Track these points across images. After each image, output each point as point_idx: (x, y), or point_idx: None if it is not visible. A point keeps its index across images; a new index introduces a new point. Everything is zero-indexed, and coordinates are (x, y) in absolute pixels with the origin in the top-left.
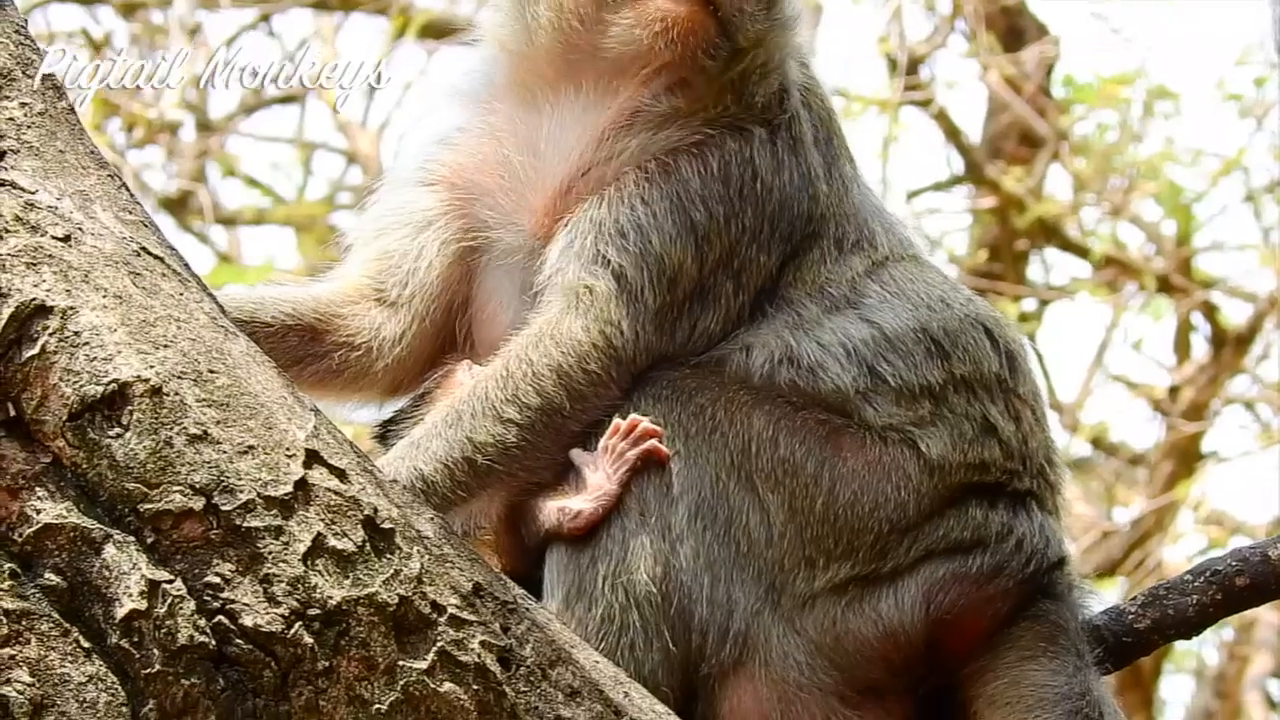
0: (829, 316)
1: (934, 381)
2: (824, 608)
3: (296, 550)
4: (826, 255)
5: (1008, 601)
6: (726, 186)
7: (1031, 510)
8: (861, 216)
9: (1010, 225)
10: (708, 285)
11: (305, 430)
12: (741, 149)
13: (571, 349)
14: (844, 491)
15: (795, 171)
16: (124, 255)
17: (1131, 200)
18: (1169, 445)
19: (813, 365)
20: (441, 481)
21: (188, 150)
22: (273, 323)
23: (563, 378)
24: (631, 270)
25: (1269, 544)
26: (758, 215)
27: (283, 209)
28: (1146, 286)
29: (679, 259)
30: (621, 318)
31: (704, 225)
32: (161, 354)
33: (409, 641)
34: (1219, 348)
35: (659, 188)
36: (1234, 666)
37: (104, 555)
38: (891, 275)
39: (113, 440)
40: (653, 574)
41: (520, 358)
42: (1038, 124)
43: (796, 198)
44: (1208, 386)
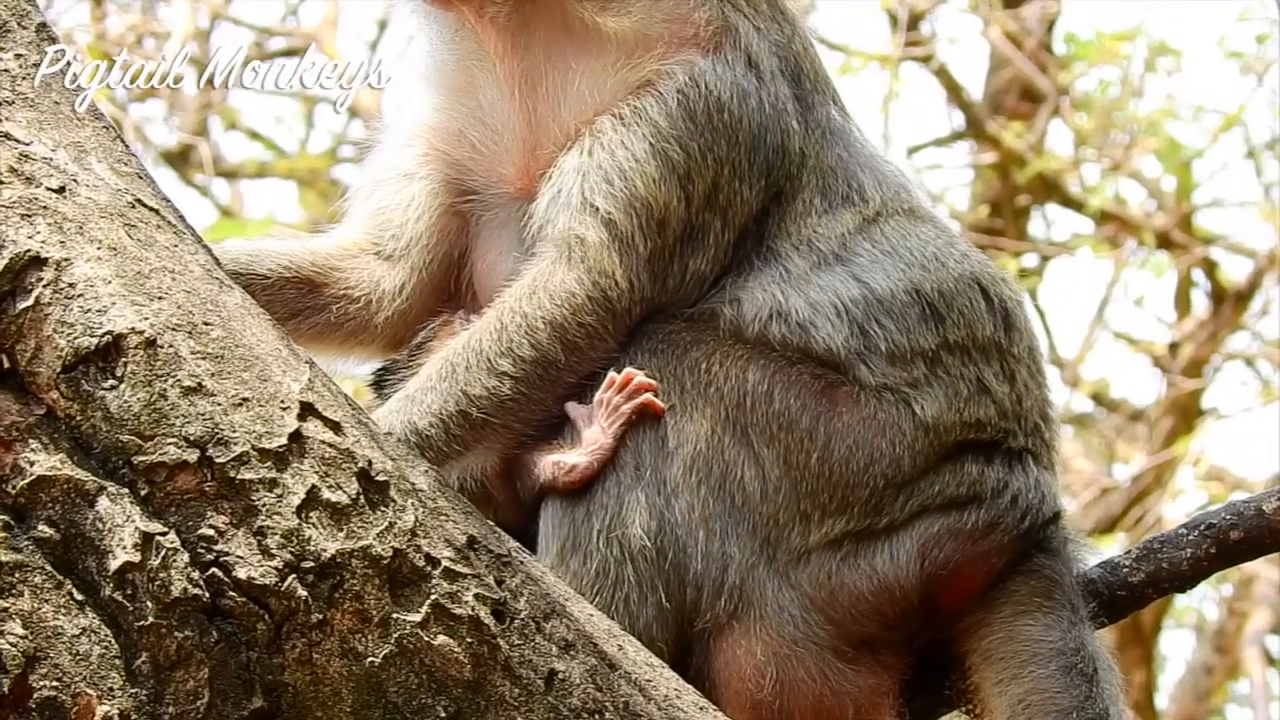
0: (818, 273)
1: (927, 346)
2: (819, 562)
3: (290, 503)
4: (812, 207)
5: (1003, 556)
6: (693, 121)
7: (1027, 466)
8: (850, 168)
9: (1011, 181)
10: (695, 225)
11: (300, 383)
12: (696, 81)
13: (566, 301)
14: (839, 446)
15: (760, 98)
16: (119, 207)
17: (1132, 156)
18: (1169, 401)
19: (803, 322)
20: (437, 435)
21: (189, 103)
22: (269, 275)
23: (557, 330)
24: (621, 217)
25: (1263, 498)
26: (732, 145)
27: (285, 162)
28: (1146, 243)
29: (665, 200)
30: (615, 267)
31: (683, 163)
32: (156, 306)
33: (403, 594)
34: (1219, 304)
35: (634, 130)
36: (1233, 622)
37: (98, 507)
38: (884, 232)
39: (107, 392)
40: (647, 528)
41: (514, 310)
42: (1039, 80)
43: (768, 126)
44: (1208, 343)
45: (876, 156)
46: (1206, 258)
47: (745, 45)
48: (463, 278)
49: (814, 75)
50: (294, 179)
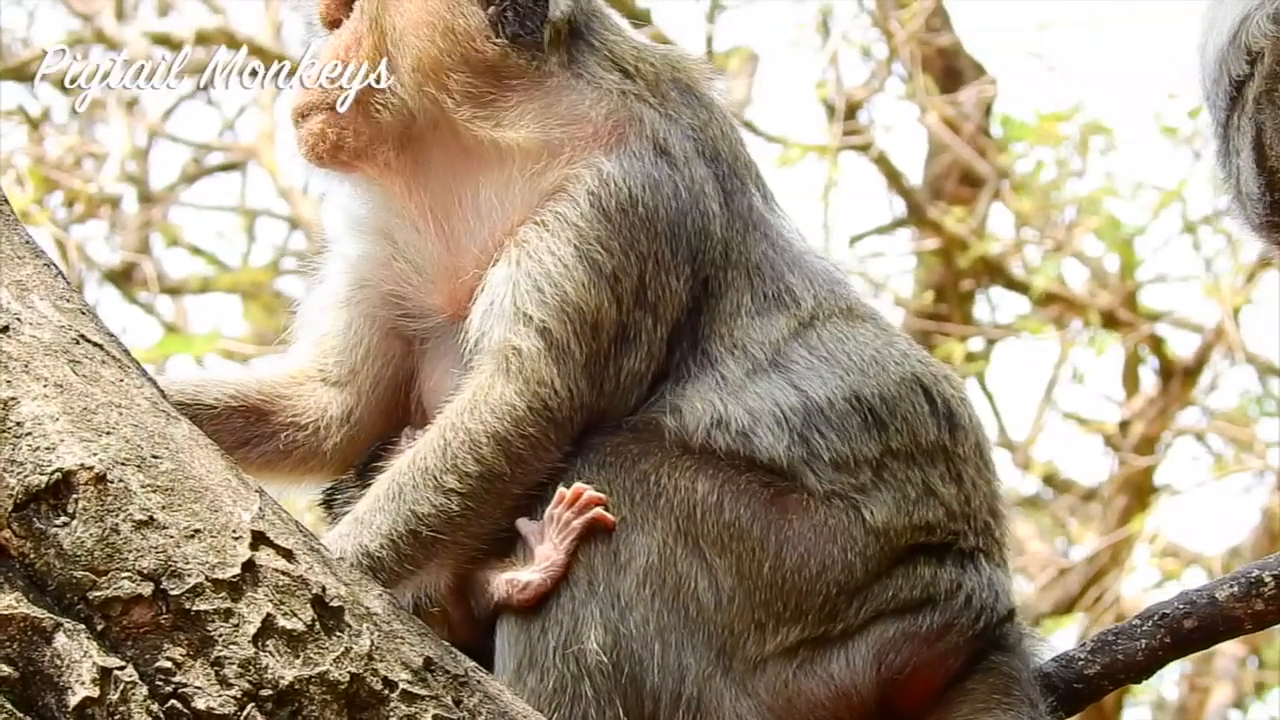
0: (754, 380)
1: (870, 454)
2: (775, 670)
3: (246, 632)
4: (741, 306)
5: (959, 657)
6: (610, 221)
7: (979, 564)
8: (777, 266)
9: (954, 265)
10: (627, 324)
11: (251, 511)
12: (605, 181)
13: (507, 414)
14: (791, 555)
15: (675, 184)
16: (63, 344)
17: (1074, 236)
18: (1122, 479)
19: (744, 430)
20: (388, 556)
21: (130, 222)
22: (215, 404)
23: (500, 444)
24: (555, 324)
25: (1216, 585)
26: (652, 238)
27: (228, 276)
28: (1092, 322)
29: (596, 304)
30: (553, 376)
31: (608, 264)
32: (104, 441)
33: (362, 718)
34: (1167, 380)
35: (558, 236)
36: (1195, 698)
37: (55, 644)
38: (820, 337)
39: (59, 529)
40: (603, 643)
41: (456, 426)
42: (978, 164)
43: (685, 210)
44: (1158, 419)
45: (806, 252)
46: (1153, 334)
47: (652, 133)
48: (412, 397)
49: (734, 160)
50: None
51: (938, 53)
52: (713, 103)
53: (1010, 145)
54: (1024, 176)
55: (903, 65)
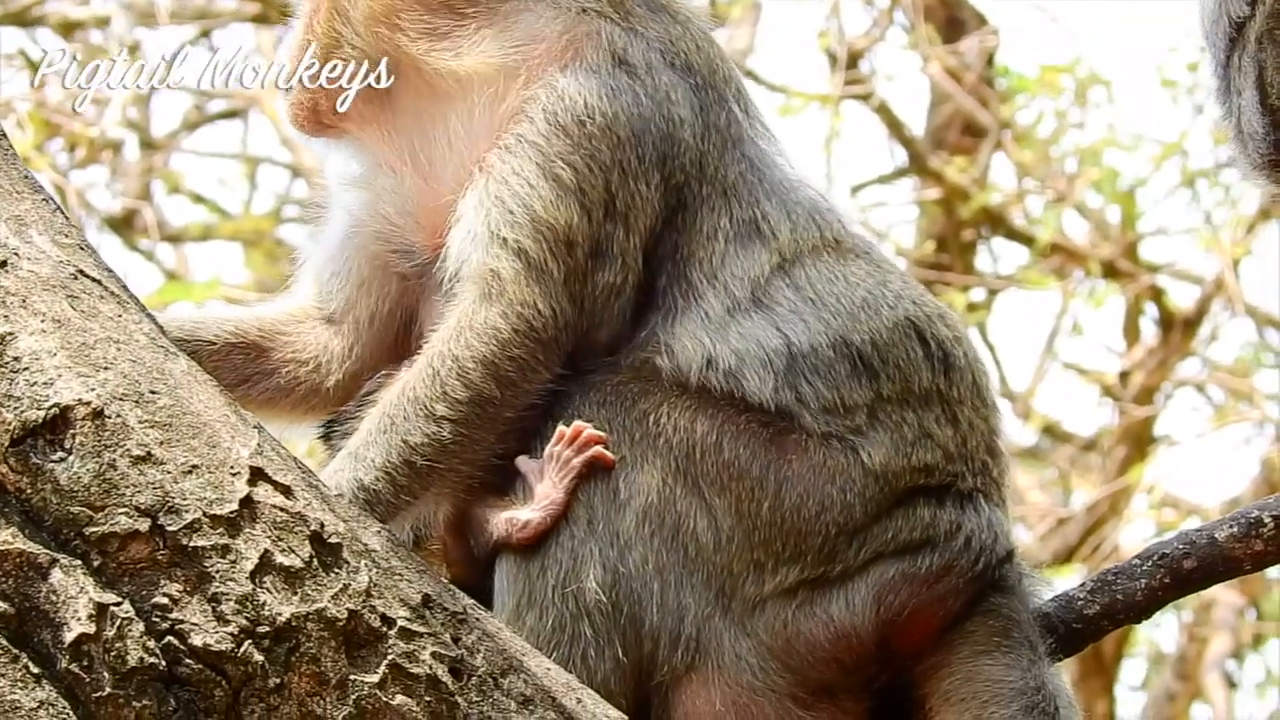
0: (737, 319)
1: (861, 400)
2: (774, 610)
3: (244, 568)
4: (720, 231)
5: (958, 598)
6: (568, 136)
7: (979, 505)
8: (755, 192)
9: (956, 215)
10: (600, 238)
11: (249, 447)
12: (560, 96)
13: (492, 337)
14: (790, 495)
15: (636, 92)
16: (61, 279)
17: (1075, 188)
18: (1121, 430)
19: (731, 372)
20: (384, 489)
21: (131, 169)
22: (215, 340)
23: (488, 367)
24: (530, 244)
25: (1215, 526)
26: (614, 147)
27: (229, 224)
28: (1092, 273)
29: (567, 220)
30: (535, 296)
31: (572, 179)
32: (102, 376)
33: (360, 655)
34: (1167, 331)
35: (520, 156)
36: (1194, 648)
37: (51, 580)
38: (808, 276)
39: (56, 464)
40: (602, 582)
41: (443, 354)
42: (980, 114)
43: (649, 116)
44: (1157, 370)
45: (793, 180)
46: (1153, 286)
47: (609, 45)
48: (414, 334)
49: (710, 73)
50: (239, 240)
51: (940, 2)
52: (688, 18)
53: (1012, 97)
54: (1025, 128)
55: (905, 14)
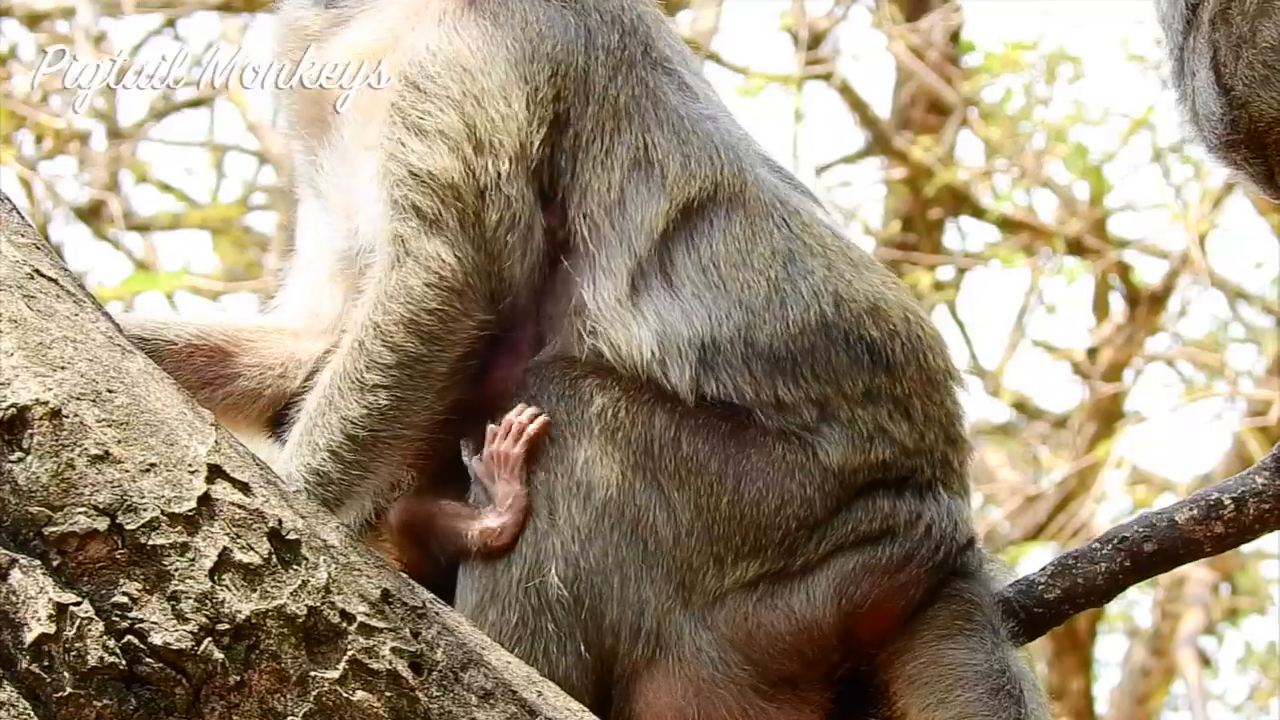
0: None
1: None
2: (735, 603)
3: (203, 566)
4: (614, 160)
5: (920, 586)
6: (417, 86)
7: (938, 494)
8: (648, 119)
9: (922, 194)
10: (479, 176)
11: (206, 445)
12: (406, 53)
13: (407, 297)
14: (749, 490)
15: (483, 23)
16: (17, 279)
17: (1043, 164)
18: (1091, 406)
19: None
20: (333, 470)
21: (99, 159)
22: (176, 340)
23: (409, 326)
24: (418, 198)
25: (1175, 508)
26: (460, 78)
27: (197, 213)
28: (1059, 249)
29: (441, 165)
30: (437, 248)
31: (432, 124)
32: (59, 376)
33: (320, 651)
34: (1135, 307)
35: (390, 124)
36: (1167, 624)
37: (10, 580)
38: (712, 249)
39: (14, 465)
40: (564, 576)
41: (365, 325)
42: (945, 92)
43: (500, 42)
44: (1126, 346)
45: (697, 113)
46: (1121, 262)
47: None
48: None
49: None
50: (207, 229)
51: None
52: None
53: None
54: (991, 105)
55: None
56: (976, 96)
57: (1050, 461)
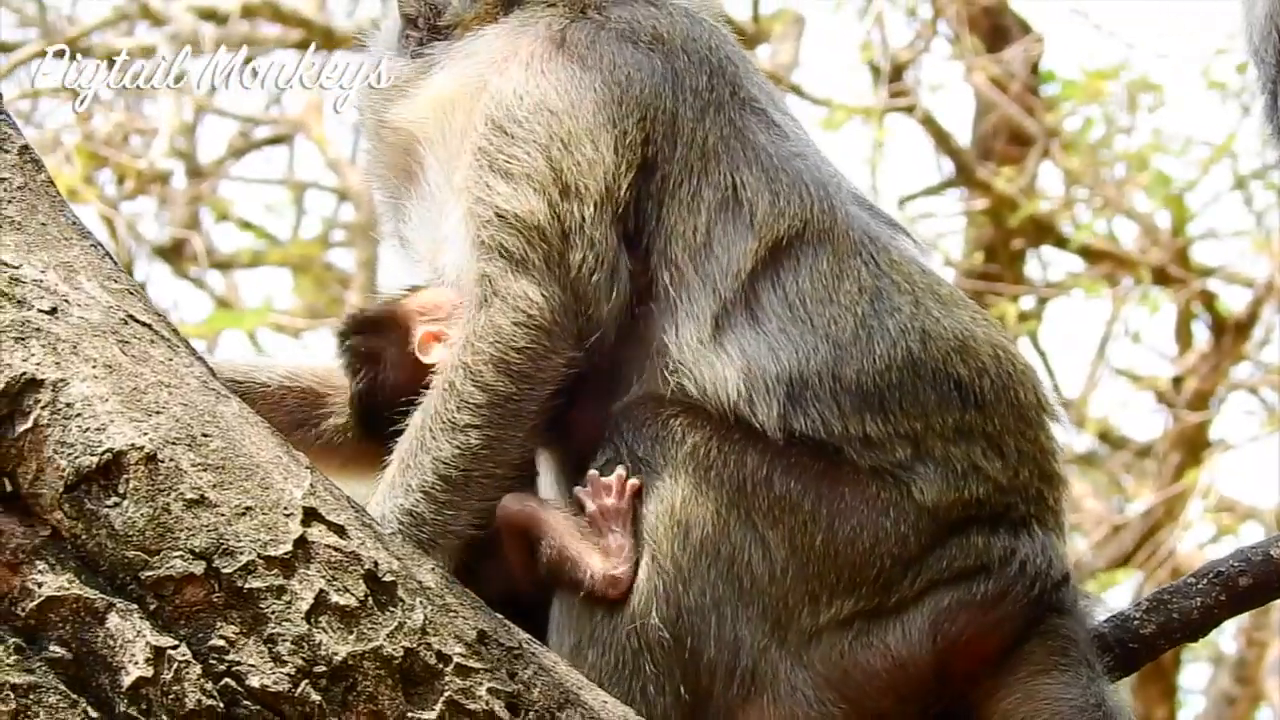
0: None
1: (880, 434)
2: (830, 641)
3: (299, 608)
4: (700, 202)
5: (1015, 623)
6: (503, 129)
7: (1033, 531)
8: (736, 159)
9: (1004, 225)
10: (564, 218)
11: (302, 488)
12: (493, 96)
13: (496, 336)
14: (843, 527)
15: (572, 67)
16: (111, 324)
17: (1124, 193)
18: (1176, 435)
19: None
20: (427, 510)
21: (180, 197)
22: (269, 383)
23: (499, 366)
24: (506, 239)
25: (1271, 542)
26: (547, 121)
27: (278, 250)
28: (1143, 279)
29: (527, 208)
30: (524, 287)
31: (518, 168)
32: (154, 421)
33: (417, 692)
34: (1219, 335)
35: (476, 167)
36: (1253, 652)
37: (108, 624)
38: (799, 286)
39: (110, 510)
40: (665, 617)
41: (456, 366)
42: (1026, 122)
43: (590, 84)
44: (1211, 375)
45: (785, 150)
46: (1205, 290)
47: (547, 34)
48: None
49: (686, 40)
50: (288, 266)
51: (983, 11)
52: (667, 2)
53: (1059, 103)
54: (1073, 134)
55: (948, 24)
56: (1058, 126)
57: (1134, 490)
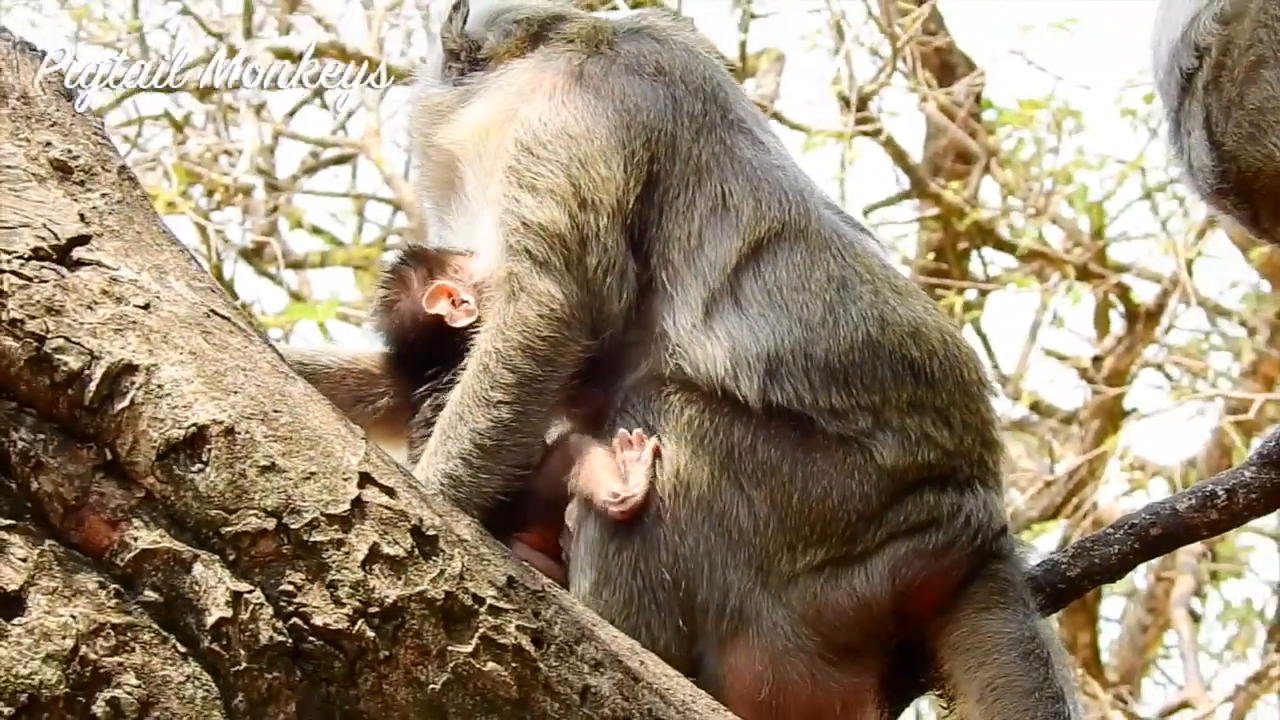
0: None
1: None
2: (805, 585)
3: (356, 558)
4: (694, 209)
5: (961, 568)
6: (531, 151)
7: (975, 489)
8: (725, 171)
9: (952, 230)
10: (582, 227)
11: (358, 456)
12: (521, 122)
13: (524, 327)
14: (816, 488)
15: (588, 97)
16: (196, 317)
17: (1052, 203)
18: (1096, 405)
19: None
20: (464, 474)
21: (260, 208)
22: (330, 365)
23: (526, 351)
24: (531, 245)
25: (1177, 499)
26: (568, 144)
27: (342, 252)
28: (1068, 275)
29: (549, 218)
30: (548, 285)
31: (544, 184)
32: (232, 399)
33: (455, 630)
34: (1133, 322)
35: (507, 183)
36: (1161, 587)
37: (193, 573)
38: (775, 274)
39: (195, 475)
40: (666, 562)
41: (488, 351)
42: (970, 144)
43: (602, 112)
44: (1125, 355)
45: (768, 163)
46: (1120, 284)
47: (568, 68)
48: None
49: (685, 72)
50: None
51: (934, 51)
52: (668, 37)
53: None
54: (1009, 153)
55: (905, 62)
56: (996, 147)
57: (1061, 452)
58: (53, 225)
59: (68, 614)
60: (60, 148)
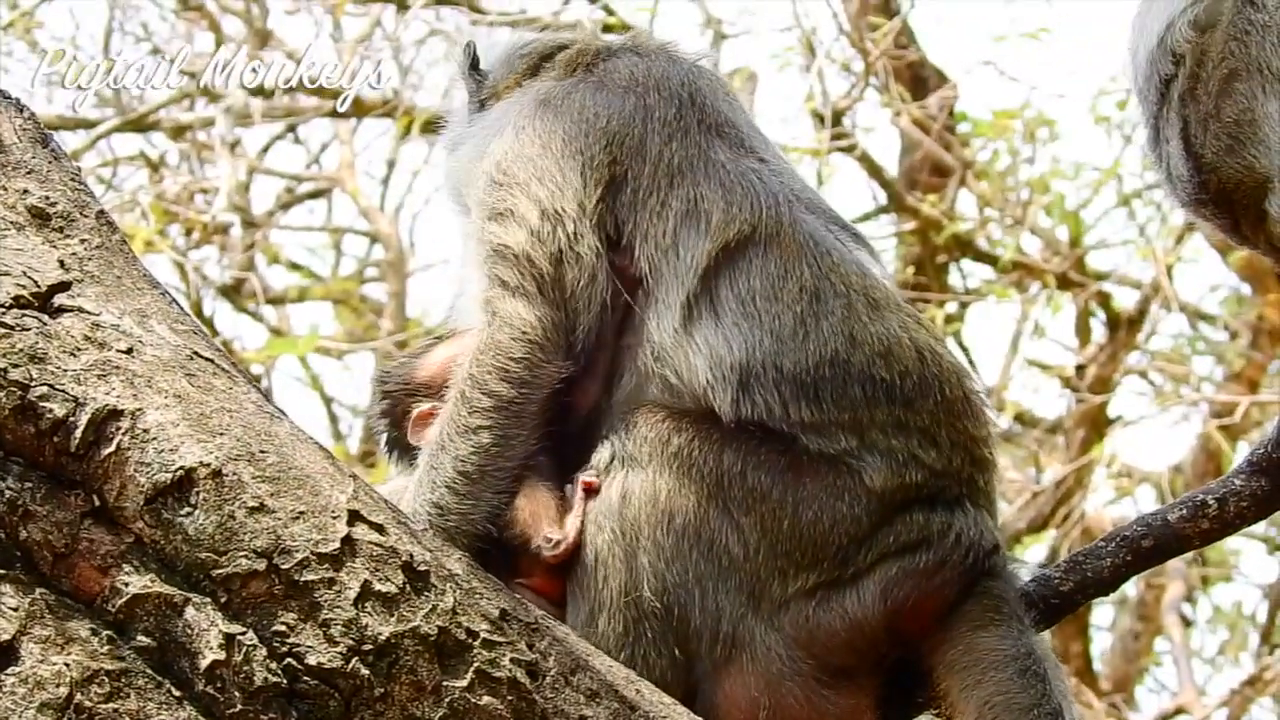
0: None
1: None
2: (797, 608)
3: (348, 596)
4: (669, 210)
5: (953, 587)
6: (496, 182)
7: (966, 508)
8: (697, 175)
9: (930, 243)
10: (550, 244)
11: (346, 494)
12: (488, 158)
13: (497, 351)
14: (806, 513)
15: (546, 116)
16: (179, 360)
17: (1029, 213)
18: (1080, 414)
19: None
20: (450, 502)
21: (237, 245)
22: None
23: (501, 375)
24: (503, 271)
25: (1168, 509)
26: (526, 164)
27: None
28: (1048, 284)
29: (515, 240)
30: (520, 309)
31: (507, 209)
32: (219, 441)
33: (450, 664)
34: (1114, 329)
35: (479, 217)
36: (1152, 594)
37: (186, 616)
38: (749, 283)
39: (184, 518)
40: (654, 590)
41: (466, 379)
42: (945, 156)
43: (558, 126)
44: (1108, 362)
45: (741, 167)
46: (1100, 291)
47: (535, 98)
48: None
49: (660, 80)
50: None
51: (906, 65)
52: (651, 54)
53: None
54: (984, 165)
55: (878, 77)
56: (971, 159)
57: (1047, 462)
58: (32, 273)
59: (61, 662)
60: (38, 194)
